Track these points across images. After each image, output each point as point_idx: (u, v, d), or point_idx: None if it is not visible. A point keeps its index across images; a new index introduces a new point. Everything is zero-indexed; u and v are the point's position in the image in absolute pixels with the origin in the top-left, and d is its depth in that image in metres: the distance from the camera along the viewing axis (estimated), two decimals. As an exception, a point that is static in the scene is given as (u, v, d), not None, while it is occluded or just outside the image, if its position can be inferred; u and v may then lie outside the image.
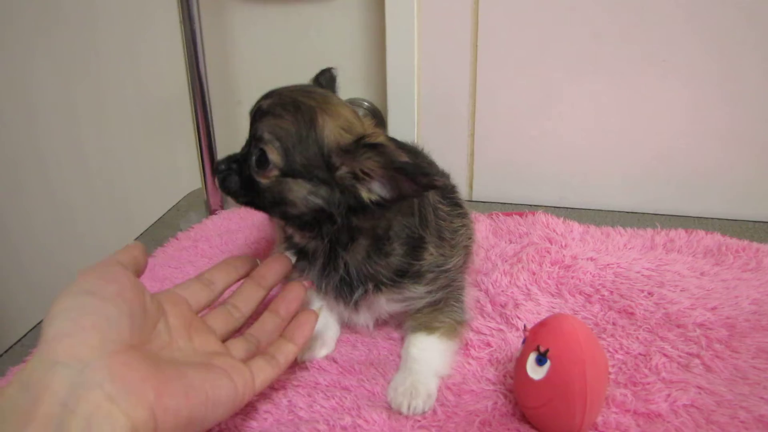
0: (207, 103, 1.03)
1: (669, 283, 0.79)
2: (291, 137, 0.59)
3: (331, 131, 0.60)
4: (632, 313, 0.74)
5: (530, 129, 1.06)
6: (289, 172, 0.60)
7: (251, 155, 0.62)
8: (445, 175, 0.84)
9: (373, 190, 0.59)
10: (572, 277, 0.81)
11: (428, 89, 1.06)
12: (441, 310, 0.69)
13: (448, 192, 0.79)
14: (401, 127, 1.05)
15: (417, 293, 0.68)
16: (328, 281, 0.67)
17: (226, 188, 0.65)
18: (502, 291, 0.79)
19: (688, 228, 0.93)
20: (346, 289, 0.67)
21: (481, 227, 0.95)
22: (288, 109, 0.60)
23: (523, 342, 0.59)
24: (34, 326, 0.80)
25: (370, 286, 0.66)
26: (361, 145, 0.59)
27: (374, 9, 1.07)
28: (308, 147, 0.59)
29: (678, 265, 0.84)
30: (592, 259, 0.85)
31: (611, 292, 0.78)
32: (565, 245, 0.89)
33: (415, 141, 1.06)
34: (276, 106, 0.61)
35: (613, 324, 0.73)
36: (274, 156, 0.60)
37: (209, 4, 1.11)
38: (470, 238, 0.79)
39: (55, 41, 1.30)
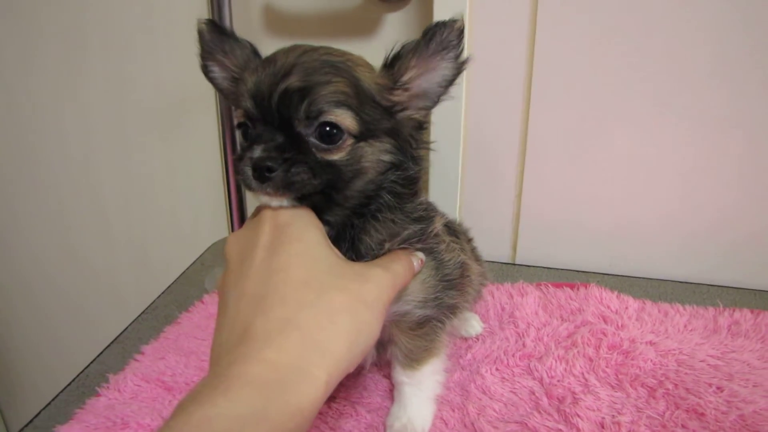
0: (238, 146, 0.96)
1: (738, 375, 0.73)
2: (351, 98, 0.53)
3: (368, 78, 0.56)
4: (702, 414, 0.68)
5: (580, 190, 1.00)
6: (362, 135, 0.54)
7: (305, 137, 0.53)
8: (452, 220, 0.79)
9: (420, 90, 0.58)
10: (632, 365, 0.75)
11: (474, 147, 1.00)
12: (424, 336, 0.65)
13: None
14: (443, 187, 0.99)
15: (414, 295, 0.61)
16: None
17: (296, 186, 0.52)
18: (558, 381, 0.73)
19: (753, 306, 0.86)
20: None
21: (530, 300, 0.89)
22: (329, 72, 0.53)
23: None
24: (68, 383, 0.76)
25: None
26: (391, 66, 0.57)
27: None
28: (366, 102, 0.55)
29: (746, 353, 0.77)
30: (651, 343, 0.79)
31: (676, 386, 0.72)
32: (622, 325, 0.83)
33: (457, 200, 1.00)
34: (312, 74, 0.53)
35: (683, 427, 0.67)
36: (348, 123, 0.53)
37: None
38: (464, 262, 0.69)
39: (72, 70, 1.25)
